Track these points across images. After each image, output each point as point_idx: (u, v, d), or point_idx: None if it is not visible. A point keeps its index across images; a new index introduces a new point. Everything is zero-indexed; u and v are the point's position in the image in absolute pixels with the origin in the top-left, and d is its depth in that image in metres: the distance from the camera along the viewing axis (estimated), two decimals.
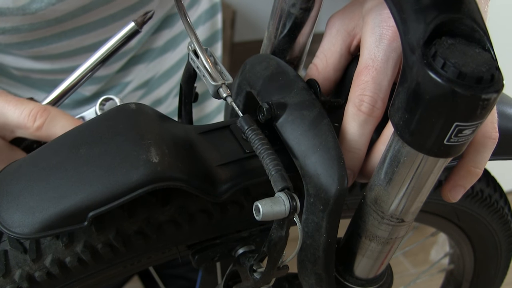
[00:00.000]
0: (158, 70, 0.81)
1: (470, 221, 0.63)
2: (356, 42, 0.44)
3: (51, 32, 0.63)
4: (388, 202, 0.39)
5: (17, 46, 0.64)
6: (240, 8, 2.33)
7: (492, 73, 0.30)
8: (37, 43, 0.64)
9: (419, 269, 1.78)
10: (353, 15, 0.44)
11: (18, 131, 0.46)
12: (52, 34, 0.64)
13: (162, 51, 0.79)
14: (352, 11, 0.44)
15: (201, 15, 0.84)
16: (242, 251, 0.46)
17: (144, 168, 0.36)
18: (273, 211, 0.34)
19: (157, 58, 0.79)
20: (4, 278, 0.39)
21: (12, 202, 0.36)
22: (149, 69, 0.79)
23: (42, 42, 0.64)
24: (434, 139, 0.32)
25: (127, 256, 0.43)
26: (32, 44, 0.64)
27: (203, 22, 0.85)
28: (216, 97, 0.43)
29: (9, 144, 0.48)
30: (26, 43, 0.63)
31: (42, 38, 0.63)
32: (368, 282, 0.46)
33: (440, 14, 0.31)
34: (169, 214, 0.43)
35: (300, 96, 0.41)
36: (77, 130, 0.40)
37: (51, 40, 0.64)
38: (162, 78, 0.82)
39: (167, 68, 0.82)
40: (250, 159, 0.42)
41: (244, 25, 2.37)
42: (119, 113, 0.40)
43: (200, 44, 0.43)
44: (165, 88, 0.83)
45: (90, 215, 0.35)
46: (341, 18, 0.45)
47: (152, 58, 0.78)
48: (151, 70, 0.79)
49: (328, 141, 0.38)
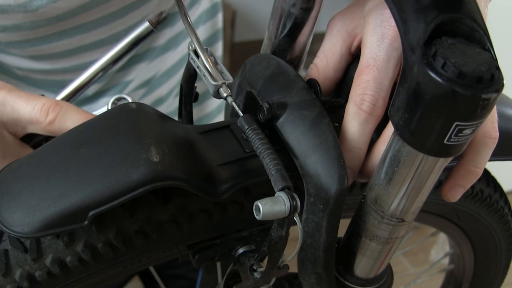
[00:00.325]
0: (159, 69, 0.81)
1: (470, 221, 0.63)
2: (356, 43, 0.44)
3: (52, 31, 0.63)
4: (388, 202, 0.39)
5: (18, 45, 0.64)
6: (240, 8, 2.33)
7: (492, 72, 0.30)
8: (38, 42, 0.64)
9: (419, 269, 1.78)
10: (354, 15, 0.44)
11: (30, 127, 0.46)
12: (53, 33, 0.64)
13: (163, 50, 0.79)
14: (353, 11, 0.44)
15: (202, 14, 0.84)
16: (242, 250, 0.46)
17: (144, 168, 0.36)
18: (274, 211, 0.34)
19: (158, 57, 0.79)
20: (5, 278, 0.39)
21: (13, 202, 0.36)
22: (150, 68, 0.79)
23: (43, 41, 0.64)
24: (434, 139, 0.32)
25: (128, 255, 0.43)
26: (33, 42, 0.64)
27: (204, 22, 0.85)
28: (216, 96, 0.43)
29: (19, 141, 0.48)
30: (27, 41, 0.63)
31: (43, 37, 0.63)
32: (368, 281, 0.46)
33: (440, 14, 0.31)
34: (169, 214, 0.43)
35: (301, 96, 0.41)
36: (78, 130, 0.40)
37: (52, 38, 0.64)
38: (163, 77, 0.82)
39: (168, 67, 0.82)
40: (250, 159, 0.42)
41: (244, 25, 2.37)
42: (119, 113, 0.40)
43: (200, 44, 0.43)
44: (166, 88, 0.83)
45: (91, 214, 0.35)
46: (342, 19, 0.45)
47: (153, 57, 0.78)
48: (152, 69, 0.79)
49: (328, 141, 0.38)
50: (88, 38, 0.67)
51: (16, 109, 0.45)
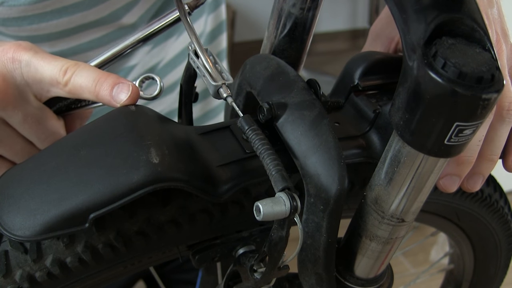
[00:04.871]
0: (163, 57, 0.80)
1: (470, 221, 0.63)
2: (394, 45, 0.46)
3: (51, 7, 0.62)
4: (388, 202, 0.39)
5: (15, 22, 0.62)
6: (240, 8, 2.33)
7: (493, 73, 0.30)
8: (37, 19, 0.63)
9: (419, 269, 1.78)
10: (390, 19, 0.45)
11: (53, 90, 0.46)
12: (52, 10, 0.62)
13: (166, 36, 0.78)
14: (389, 15, 0.46)
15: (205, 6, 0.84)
16: (243, 251, 0.46)
17: (144, 169, 0.36)
18: (274, 211, 0.34)
19: (161, 43, 0.78)
20: (5, 279, 0.39)
21: (14, 205, 0.36)
22: (153, 55, 0.78)
23: (41, 18, 0.63)
24: (435, 139, 0.32)
25: (128, 256, 0.43)
26: (31, 19, 0.63)
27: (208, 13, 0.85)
28: (216, 97, 0.43)
29: (42, 105, 0.48)
30: (25, 18, 0.62)
31: (42, 14, 0.62)
32: (368, 282, 0.46)
33: (440, 14, 0.31)
34: (169, 214, 0.43)
35: (300, 96, 0.41)
36: (78, 132, 0.40)
37: (51, 16, 0.63)
38: (167, 67, 0.81)
39: (171, 57, 0.81)
40: (250, 159, 0.42)
41: (244, 25, 2.37)
42: (119, 115, 0.40)
43: (200, 44, 0.43)
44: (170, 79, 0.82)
45: (91, 217, 0.35)
46: (379, 24, 0.47)
47: (156, 41, 0.77)
48: (155, 56, 0.78)
49: (328, 141, 0.38)
50: (89, 16, 0.65)
51: (39, 71, 0.45)
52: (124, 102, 0.43)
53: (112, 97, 0.43)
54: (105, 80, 0.44)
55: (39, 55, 0.45)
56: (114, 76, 0.44)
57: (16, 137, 0.48)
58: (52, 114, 0.49)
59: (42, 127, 0.48)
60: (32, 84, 0.46)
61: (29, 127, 0.47)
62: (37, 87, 0.46)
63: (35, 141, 0.49)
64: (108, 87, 0.44)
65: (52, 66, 0.45)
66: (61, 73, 0.44)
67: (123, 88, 0.43)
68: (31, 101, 0.47)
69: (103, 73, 0.45)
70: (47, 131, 0.48)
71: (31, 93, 0.46)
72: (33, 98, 0.47)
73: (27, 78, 0.45)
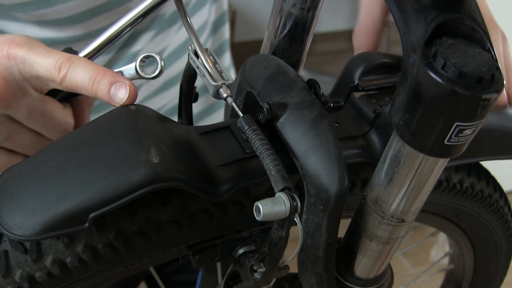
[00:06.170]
0: (167, 45, 0.79)
1: (470, 221, 0.63)
2: None
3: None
4: (388, 202, 0.39)
5: (21, 8, 0.62)
6: (240, 8, 2.33)
7: (493, 73, 0.30)
8: (42, 4, 0.62)
9: (419, 269, 1.78)
10: None
11: (51, 84, 0.46)
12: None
13: (170, 22, 0.78)
14: None
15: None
16: (243, 251, 0.46)
17: (144, 169, 0.36)
18: (274, 211, 0.34)
19: (165, 29, 0.77)
20: (5, 279, 0.39)
21: (13, 205, 0.36)
22: (157, 42, 0.77)
23: (47, 3, 0.62)
24: (435, 139, 0.32)
25: (128, 256, 0.43)
26: (37, 5, 0.62)
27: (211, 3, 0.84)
28: (216, 97, 0.43)
29: (45, 97, 0.48)
30: (31, 3, 0.61)
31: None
32: (368, 282, 0.46)
33: (440, 14, 0.31)
34: (169, 214, 0.43)
35: (300, 96, 0.41)
36: (77, 132, 0.40)
37: (57, 0, 0.63)
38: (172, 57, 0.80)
39: (175, 46, 0.80)
40: (250, 159, 0.42)
41: (244, 25, 2.37)
42: (119, 114, 0.40)
43: (200, 44, 0.43)
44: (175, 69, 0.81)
45: (91, 217, 0.35)
46: None
47: (160, 27, 0.76)
48: (160, 43, 0.78)
49: (328, 141, 0.38)
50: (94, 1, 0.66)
51: (34, 67, 0.45)
52: (123, 102, 0.43)
53: (111, 97, 0.43)
54: (101, 79, 0.44)
55: (34, 50, 0.45)
56: (110, 74, 0.44)
57: (24, 131, 0.48)
58: (56, 104, 0.48)
59: (48, 118, 0.47)
60: (31, 79, 0.46)
61: (35, 120, 0.47)
62: (35, 82, 0.46)
63: (44, 133, 0.48)
64: (105, 87, 0.43)
65: (46, 62, 0.44)
66: (55, 70, 0.44)
67: (121, 88, 0.43)
68: (32, 95, 0.46)
69: (99, 70, 0.44)
70: (54, 122, 0.48)
71: (31, 87, 0.46)
72: (34, 91, 0.46)
73: (24, 74, 0.45)
